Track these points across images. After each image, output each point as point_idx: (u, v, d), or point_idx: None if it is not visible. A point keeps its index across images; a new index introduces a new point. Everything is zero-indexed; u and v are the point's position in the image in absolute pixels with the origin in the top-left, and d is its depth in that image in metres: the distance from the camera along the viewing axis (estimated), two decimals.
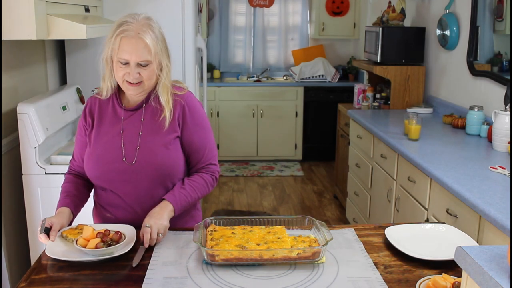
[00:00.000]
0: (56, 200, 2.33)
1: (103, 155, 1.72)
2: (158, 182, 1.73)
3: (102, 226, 1.69)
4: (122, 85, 1.69)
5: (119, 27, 1.63)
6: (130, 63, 1.63)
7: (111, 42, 1.63)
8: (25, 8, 2.04)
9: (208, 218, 1.73)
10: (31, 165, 2.32)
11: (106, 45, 1.66)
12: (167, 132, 1.72)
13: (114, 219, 1.79)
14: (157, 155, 1.70)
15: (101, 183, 1.76)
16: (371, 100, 4.14)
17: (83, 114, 1.78)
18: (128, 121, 1.74)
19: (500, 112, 2.66)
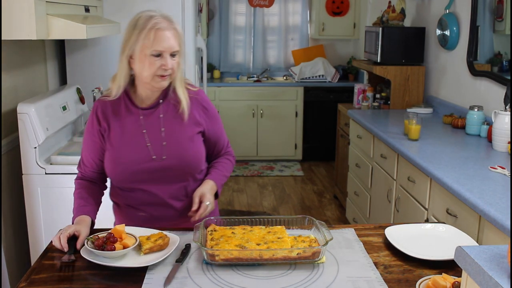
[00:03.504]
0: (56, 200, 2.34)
1: (131, 156, 1.72)
2: (189, 174, 1.78)
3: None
4: (152, 80, 1.66)
5: (148, 22, 1.63)
6: (163, 54, 1.64)
7: (141, 38, 1.62)
8: (25, 8, 2.04)
9: (208, 218, 1.73)
10: (31, 165, 2.32)
11: (130, 43, 1.63)
12: (188, 125, 1.75)
13: (149, 216, 1.80)
14: (185, 149, 1.74)
15: (131, 184, 1.76)
16: (371, 100, 4.14)
17: (95, 119, 1.74)
18: (147, 119, 1.74)
19: (500, 112, 2.66)
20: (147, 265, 1.52)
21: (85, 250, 1.57)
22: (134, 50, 1.63)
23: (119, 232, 1.61)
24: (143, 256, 1.57)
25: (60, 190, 2.33)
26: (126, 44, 1.64)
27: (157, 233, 1.67)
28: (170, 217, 1.81)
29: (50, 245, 1.71)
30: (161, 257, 1.55)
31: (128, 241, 1.59)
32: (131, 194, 1.79)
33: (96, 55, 3.21)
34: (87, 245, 1.57)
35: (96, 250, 1.54)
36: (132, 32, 1.63)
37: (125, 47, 1.65)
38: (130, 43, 1.63)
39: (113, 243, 1.56)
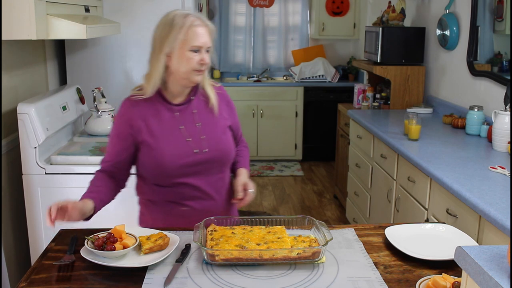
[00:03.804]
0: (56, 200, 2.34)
1: (173, 152, 1.74)
2: (225, 165, 1.87)
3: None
4: (190, 75, 1.71)
5: (185, 20, 1.68)
6: (200, 50, 1.70)
7: (180, 35, 1.66)
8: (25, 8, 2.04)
9: (208, 218, 1.73)
10: (31, 165, 2.32)
11: (169, 41, 1.67)
12: (219, 119, 1.85)
13: (191, 211, 1.83)
14: (221, 141, 1.83)
15: (174, 180, 1.77)
16: (371, 100, 4.14)
17: (125, 119, 1.75)
18: (182, 115, 1.79)
19: (500, 112, 2.66)
20: (147, 265, 1.52)
21: (85, 250, 1.57)
22: (173, 47, 1.67)
23: (119, 232, 1.61)
24: (143, 256, 1.58)
25: (60, 190, 2.33)
26: (164, 43, 1.68)
27: (157, 233, 1.67)
28: (210, 209, 1.84)
29: (50, 245, 1.71)
30: (161, 257, 1.55)
31: (128, 241, 1.59)
32: (173, 190, 1.80)
33: (96, 55, 3.21)
34: (87, 245, 1.57)
35: (96, 250, 1.54)
36: (170, 31, 1.67)
37: (163, 45, 1.68)
38: (169, 41, 1.67)
39: (113, 243, 1.56)
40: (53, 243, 1.72)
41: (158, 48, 1.69)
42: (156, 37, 1.71)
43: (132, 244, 1.59)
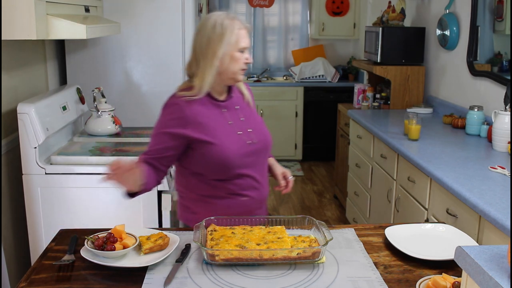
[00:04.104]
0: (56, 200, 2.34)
1: (231, 146, 1.81)
2: (268, 154, 2.00)
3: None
4: (238, 73, 1.81)
5: (233, 23, 1.77)
6: (245, 50, 1.81)
7: (233, 38, 1.76)
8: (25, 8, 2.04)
9: (208, 218, 1.73)
10: (31, 165, 2.32)
11: (224, 43, 1.75)
12: (255, 112, 2.02)
13: (249, 200, 1.89)
14: (264, 132, 1.96)
15: (233, 172, 1.83)
16: (371, 100, 4.14)
17: (179, 119, 1.78)
18: (228, 111, 1.88)
19: (500, 112, 2.66)
20: (147, 265, 1.52)
21: (85, 250, 1.57)
22: (226, 50, 1.75)
23: (119, 232, 1.61)
24: (143, 256, 1.58)
25: (60, 190, 2.33)
26: (218, 46, 1.75)
27: (157, 233, 1.67)
28: (261, 197, 1.94)
29: (50, 245, 1.71)
30: (161, 257, 1.55)
31: (128, 241, 1.59)
32: (232, 182, 1.85)
33: (96, 55, 3.21)
34: (87, 245, 1.57)
35: (96, 250, 1.54)
36: (223, 34, 1.75)
37: (217, 48, 1.75)
38: (224, 44, 1.75)
39: (113, 243, 1.56)
40: (53, 243, 1.72)
41: (212, 52, 1.75)
42: (206, 41, 1.76)
43: (132, 244, 1.59)
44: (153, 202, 2.32)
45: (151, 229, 1.74)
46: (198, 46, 1.79)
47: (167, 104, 1.83)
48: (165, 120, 1.81)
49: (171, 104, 1.82)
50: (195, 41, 1.81)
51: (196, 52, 1.80)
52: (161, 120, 1.82)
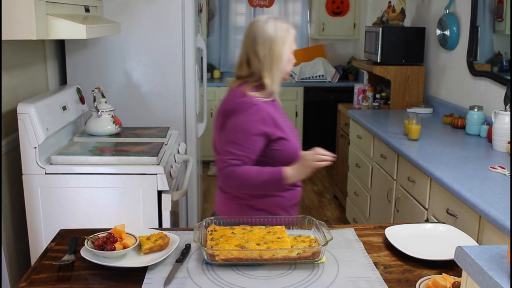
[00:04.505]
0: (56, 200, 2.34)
1: (296, 142, 1.97)
2: None
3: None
4: (288, 74, 1.94)
5: (290, 28, 1.88)
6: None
7: (291, 41, 1.88)
8: (25, 8, 2.04)
9: (208, 218, 1.73)
10: (31, 165, 2.32)
11: (287, 46, 1.86)
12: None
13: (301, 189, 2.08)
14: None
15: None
16: (371, 100, 4.14)
17: (262, 119, 1.83)
18: (279, 109, 1.99)
19: (500, 112, 2.66)
20: (147, 265, 1.52)
21: (85, 250, 1.57)
22: (287, 51, 1.87)
23: (119, 232, 1.61)
24: (143, 256, 1.58)
25: (60, 190, 2.33)
26: (284, 48, 1.86)
27: (157, 233, 1.67)
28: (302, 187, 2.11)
29: (50, 245, 1.71)
30: (161, 257, 1.55)
31: (128, 241, 1.59)
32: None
33: (96, 55, 3.21)
34: (87, 245, 1.57)
35: (96, 250, 1.54)
36: (286, 37, 1.86)
37: (283, 51, 1.85)
38: (288, 47, 1.87)
39: (113, 243, 1.56)
40: (53, 243, 1.72)
41: (278, 54, 1.84)
42: (269, 44, 1.83)
43: (132, 244, 1.59)
44: (153, 202, 2.32)
45: (151, 229, 1.74)
46: (261, 49, 1.84)
47: (248, 105, 1.83)
48: (250, 121, 1.82)
49: (251, 104, 1.83)
50: (252, 44, 1.86)
51: (258, 55, 1.85)
52: (246, 121, 1.82)
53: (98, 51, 3.21)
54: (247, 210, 1.93)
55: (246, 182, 1.81)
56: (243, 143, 1.81)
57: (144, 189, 2.31)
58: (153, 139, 2.70)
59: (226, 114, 1.86)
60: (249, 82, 1.88)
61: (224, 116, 1.87)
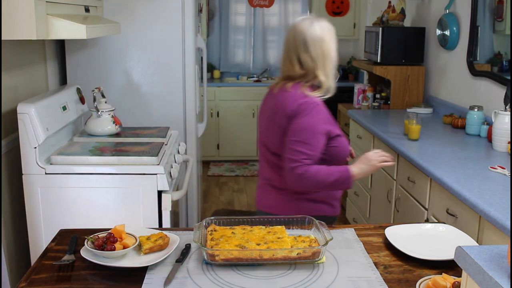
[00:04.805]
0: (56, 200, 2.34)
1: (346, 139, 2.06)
2: None
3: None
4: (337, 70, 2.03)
5: (328, 24, 1.96)
6: None
7: (334, 38, 1.97)
8: (25, 8, 2.04)
9: (208, 218, 1.73)
10: (31, 165, 2.32)
11: (334, 45, 1.96)
12: None
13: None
14: None
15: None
16: (371, 100, 4.14)
17: (326, 118, 1.96)
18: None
19: (500, 112, 2.66)
20: (147, 265, 1.53)
21: (85, 250, 1.57)
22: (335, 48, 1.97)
23: (119, 232, 1.61)
24: (143, 256, 1.58)
25: (60, 190, 2.33)
26: (333, 47, 1.95)
27: (157, 233, 1.67)
28: None
29: (50, 245, 1.71)
30: (161, 257, 1.55)
31: (128, 241, 1.59)
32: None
33: (96, 55, 3.21)
34: (87, 245, 1.57)
35: (96, 250, 1.54)
36: (332, 37, 1.96)
37: (333, 50, 1.95)
38: (334, 44, 1.96)
39: (113, 243, 1.56)
40: (53, 243, 1.72)
41: (331, 55, 1.95)
42: (320, 44, 1.92)
43: (132, 244, 1.59)
44: (153, 202, 2.32)
45: (151, 229, 1.74)
46: (313, 50, 1.91)
47: (311, 106, 1.91)
48: (316, 121, 1.91)
49: (315, 105, 1.92)
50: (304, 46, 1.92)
51: (311, 55, 1.92)
52: (313, 121, 1.90)
53: (98, 51, 3.21)
54: (306, 203, 2.00)
55: (320, 181, 1.87)
56: (312, 142, 1.88)
57: (144, 189, 2.31)
58: (153, 139, 2.70)
59: (288, 116, 1.90)
60: (303, 82, 1.95)
61: (286, 118, 1.91)
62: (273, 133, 1.96)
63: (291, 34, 1.97)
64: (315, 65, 1.92)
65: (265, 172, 2.10)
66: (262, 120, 2.07)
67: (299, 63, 1.94)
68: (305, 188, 1.93)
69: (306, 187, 1.90)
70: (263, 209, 2.13)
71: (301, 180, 1.86)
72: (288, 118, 1.90)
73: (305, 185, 1.88)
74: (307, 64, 1.92)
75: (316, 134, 1.89)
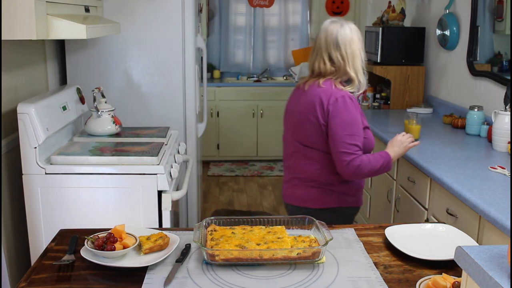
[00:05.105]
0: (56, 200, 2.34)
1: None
2: None
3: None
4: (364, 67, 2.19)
5: (355, 26, 2.15)
6: None
7: (361, 38, 2.15)
8: (25, 8, 2.04)
9: (208, 218, 1.73)
10: (31, 165, 2.32)
11: (360, 43, 2.13)
12: None
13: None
14: None
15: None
16: (371, 100, 4.14)
17: (359, 112, 2.13)
18: None
19: (500, 112, 2.66)
20: (147, 265, 1.53)
21: (85, 250, 1.57)
22: (362, 47, 2.16)
23: (119, 232, 1.61)
24: (143, 256, 1.58)
25: (60, 190, 2.33)
26: (360, 45, 2.14)
27: (157, 233, 1.67)
28: None
29: (50, 245, 1.71)
30: (161, 257, 1.55)
31: (128, 241, 1.59)
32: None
33: (96, 55, 3.21)
34: (87, 245, 1.57)
35: (96, 250, 1.54)
36: (359, 37, 2.14)
37: (360, 47, 2.13)
38: (361, 44, 2.15)
39: (113, 243, 1.56)
40: (53, 243, 1.72)
41: (358, 50, 2.12)
42: (349, 44, 2.11)
43: (132, 244, 1.59)
44: (153, 202, 2.32)
45: (151, 229, 1.74)
46: (343, 49, 2.10)
47: (347, 99, 2.08)
48: (355, 114, 2.08)
49: (350, 98, 2.09)
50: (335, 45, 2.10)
51: (342, 54, 2.10)
52: (355, 113, 2.08)
53: (98, 51, 3.21)
54: (332, 195, 2.17)
55: (372, 168, 2.07)
56: (359, 133, 2.08)
57: (144, 189, 2.31)
58: (153, 139, 2.70)
59: (326, 109, 2.06)
60: (333, 78, 2.13)
61: (323, 111, 2.07)
62: (307, 126, 2.12)
63: (322, 35, 2.14)
64: (345, 63, 2.11)
65: (293, 167, 2.24)
66: (291, 116, 2.25)
67: (330, 60, 2.12)
68: (361, 177, 2.14)
69: (362, 175, 2.09)
70: (290, 201, 2.27)
71: (359, 171, 2.04)
72: (325, 111, 2.06)
73: (361, 175, 2.08)
74: (338, 62, 2.11)
75: (360, 125, 2.10)
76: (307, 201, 2.18)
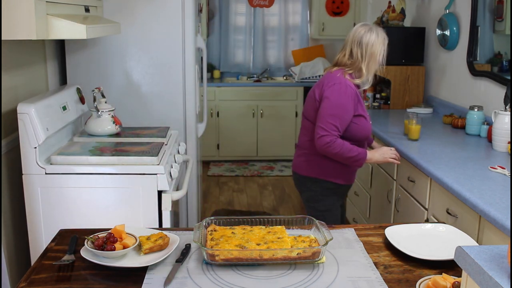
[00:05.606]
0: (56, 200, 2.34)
1: (369, 122, 2.49)
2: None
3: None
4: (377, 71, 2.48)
5: (383, 34, 2.43)
6: None
7: (383, 46, 2.42)
8: (25, 8, 2.04)
9: (208, 218, 1.73)
10: (31, 165, 2.32)
11: (379, 48, 2.40)
12: None
13: None
14: None
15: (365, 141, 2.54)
16: (371, 100, 4.14)
17: (354, 98, 2.38)
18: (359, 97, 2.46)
19: (500, 112, 2.66)
20: (147, 265, 1.53)
21: (85, 250, 1.57)
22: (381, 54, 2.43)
23: (119, 232, 1.61)
24: (143, 256, 1.58)
25: (60, 190, 2.33)
26: (379, 50, 2.40)
27: (157, 233, 1.67)
28: None
29: (50, 245, 1.71)
30: (161, 257, 1.55)
31: (128, 241, 1.59)
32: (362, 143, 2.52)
33: (96, 55, 3.21)
34: (87, 245, 1.57)
35: (96, 250, 1.54)
36: (382, 44, 2.41)
37: (378, 52, 2.40)
38: (382, 50, 2.41)
39: (113, 243, 1.56)
40: (53, 243, 1.72)
41: (375, 54, 2.39)
42: (374, 46, 2.39)
43: (132, 244, 1.59)
44: (153, 202, 2.32)
45: (151, 229, 1.74)
46: (364, 49, 2.38)
47: (343, 87, 2.36)
48: (346, 101, 2.34)
49: (346, 85, 2.37)
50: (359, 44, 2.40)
51: (362, 52, 2.39)
52: (342, 99, 2.34)
53: (98, 51, 3.21)
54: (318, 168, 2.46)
55: (340, 152, 2.31)
56: (342, 117, 2.33)
57: (144, 189, 2.31)
58: (153, 139, 2.70)
59: (323, 90, 2.37)
60: (346, 69, 2.41)
61: (321, 91, 2.38)
62: (309, 101, 2.49)
63: (352, 32, 2.46)
64: (362, 60, 2.39)
65: (300, 140, 2.57)
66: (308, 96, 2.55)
67: (350, 54, 2.42)
68: (330, 155, 2.34)
69: (331, 154, 2.33)
70: (293, 168, 2.61)
71: (328, 148, 2.30)
72: (322, 90, 2.37)
73: (330, 153, 2.32)
74: (356, 58, 2.40)
75: (347, 112, 2.35)
76: (298, 167, 2.55)
